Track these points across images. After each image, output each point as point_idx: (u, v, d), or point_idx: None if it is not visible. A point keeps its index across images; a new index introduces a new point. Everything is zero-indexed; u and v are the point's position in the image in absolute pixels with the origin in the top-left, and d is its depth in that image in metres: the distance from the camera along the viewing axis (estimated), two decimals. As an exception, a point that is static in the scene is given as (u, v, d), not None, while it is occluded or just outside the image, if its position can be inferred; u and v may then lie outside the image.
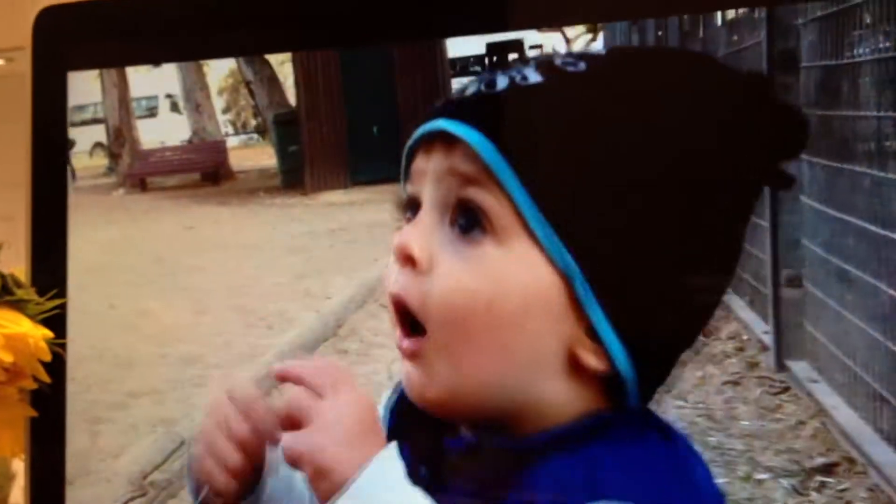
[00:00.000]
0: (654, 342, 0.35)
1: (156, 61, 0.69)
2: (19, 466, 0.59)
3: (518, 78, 0.35)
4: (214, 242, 2.10)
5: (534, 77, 0.35)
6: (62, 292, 0.56)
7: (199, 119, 2.41)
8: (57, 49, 0.59)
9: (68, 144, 0.65)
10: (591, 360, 0.35)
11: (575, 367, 0.35)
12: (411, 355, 0.36)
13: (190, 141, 2.52)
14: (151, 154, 2.48)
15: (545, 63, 0.36)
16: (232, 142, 1.93)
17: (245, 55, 1.38)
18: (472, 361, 0.35)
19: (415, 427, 0.38)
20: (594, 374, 0.35)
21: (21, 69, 0.60)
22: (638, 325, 0.35)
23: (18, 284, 0.56)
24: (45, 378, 0.53)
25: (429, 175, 0.36)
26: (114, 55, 0.62)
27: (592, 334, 0.35)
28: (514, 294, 0.34)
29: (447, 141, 0.35)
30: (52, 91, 0.60)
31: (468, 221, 0.35)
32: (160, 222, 2.09)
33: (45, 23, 0.59)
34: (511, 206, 0.34)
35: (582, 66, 0.35)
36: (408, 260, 0.36)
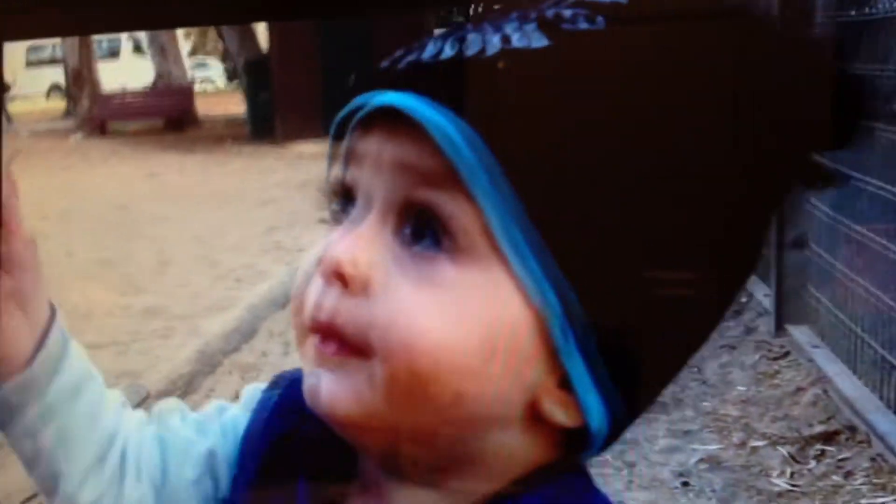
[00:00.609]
0: (639, 394, 0.28)
1: (95, 31, 0.62)
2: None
3: (514, 38, 0.26)
4: (179, 191, 2.03)
5: (535, 39, 0.26)
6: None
7: (164, 62, 2.32)
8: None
9: (4, 89, 0.58)
10: (559, 416, 0.26)
11: (534, 419, 0.27)
12: (331, 363, 0.26)
13: (154, 85, 2.43)
14: (112, 97, 2.40)
15: (548, 18, 0.27)
16: (199, 88, 1.85)
17: (194, 25, 1.30)
18: (413, 401, 0.26)
19: (312, 460, 0.29)
20: (554, 428, 0.27)
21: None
22: (625, 375, 0.27)
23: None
24: None
25: (370, 163, 0.27)
26: (50, 25, 0.57)
27: (565, 384, 0.27)
28: (475, 332, 0.27)
29: (399, 121, 0.26)
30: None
31: (418, 230, 0.26)
32: (121, 168, 2.02)
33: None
34: (480, 218, 0.26)
35: (600, 21, 0.26)
36: (338, 278, 0.26)
